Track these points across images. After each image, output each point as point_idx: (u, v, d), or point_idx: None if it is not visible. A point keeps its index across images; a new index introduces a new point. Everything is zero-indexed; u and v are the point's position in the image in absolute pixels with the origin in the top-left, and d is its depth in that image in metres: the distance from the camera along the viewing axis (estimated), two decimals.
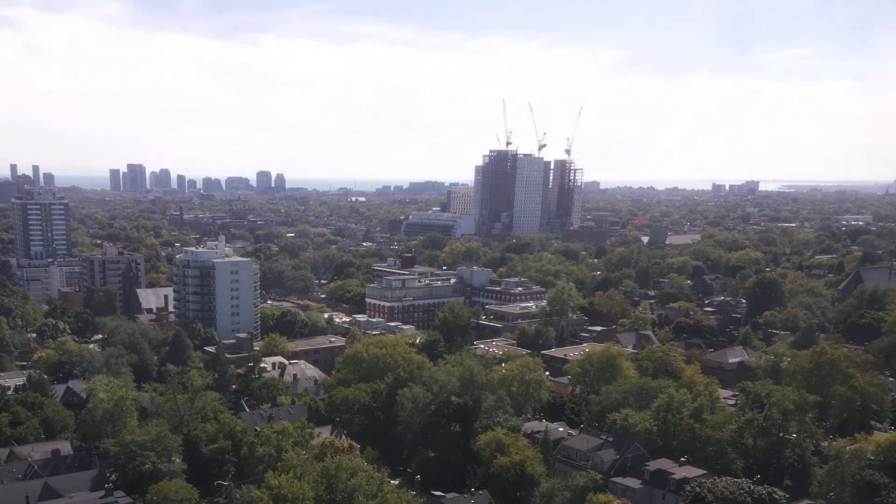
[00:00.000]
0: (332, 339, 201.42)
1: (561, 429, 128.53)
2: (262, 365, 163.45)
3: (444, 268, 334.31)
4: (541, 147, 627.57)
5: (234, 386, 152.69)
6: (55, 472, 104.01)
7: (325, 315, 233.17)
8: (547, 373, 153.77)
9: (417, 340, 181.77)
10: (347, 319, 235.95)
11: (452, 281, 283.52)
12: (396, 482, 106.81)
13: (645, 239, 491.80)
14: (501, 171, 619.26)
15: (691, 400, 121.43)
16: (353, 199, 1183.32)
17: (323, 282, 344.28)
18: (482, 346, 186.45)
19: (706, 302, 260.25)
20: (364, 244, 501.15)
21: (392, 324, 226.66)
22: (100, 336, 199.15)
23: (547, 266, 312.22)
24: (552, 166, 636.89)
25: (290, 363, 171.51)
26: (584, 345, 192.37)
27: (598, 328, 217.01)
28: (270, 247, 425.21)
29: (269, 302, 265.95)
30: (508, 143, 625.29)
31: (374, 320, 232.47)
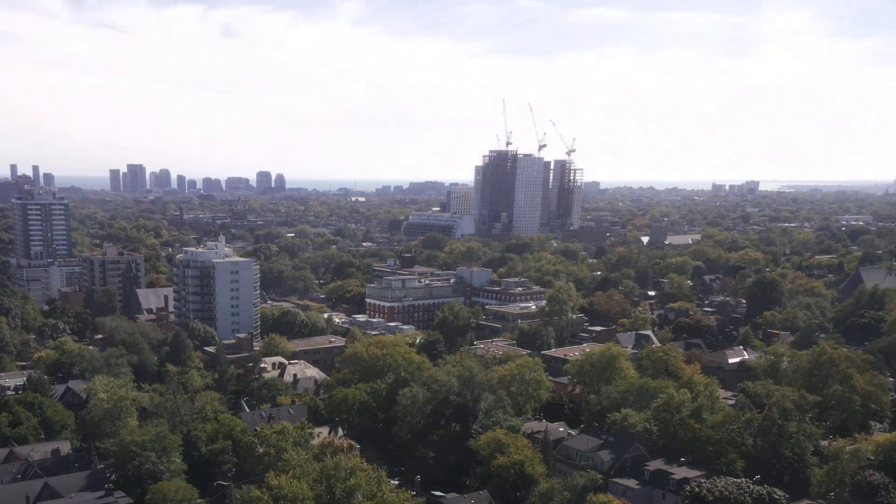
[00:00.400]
0: (332, 339, 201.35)
1: (561, 429, 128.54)
2: (261, 365, 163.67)
3: (444, 268, 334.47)
4: (541, 147, 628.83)
5: (233, 386, 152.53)
6: (55, 471, 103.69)
7: (325, 315, 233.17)
8: (547, 373, 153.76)
9: (417, 340, 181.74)
10: (347, 319, 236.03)
11: (452, 281, 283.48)
12: (396, 482, 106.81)
13: (645, 239, 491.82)
14: (501, 171, 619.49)
15: (691, 400, 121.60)
16: (353, 199, 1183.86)
17: (323, 282, 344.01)
18: (482, 346, 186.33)
19: (706, 302, 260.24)
20: (364, 244, 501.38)
21: (392, 324, 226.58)
22: (100, 336, 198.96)
23: (546, 266, 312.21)
24: (552, 166, 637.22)
25: (290, 363, 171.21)
26: (584, 345, 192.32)
27: (598, 328, 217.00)
28: (270, 247, 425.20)
29: (268, 302, 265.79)
30: (508, 144, 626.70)
31: (373, 320, 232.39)
